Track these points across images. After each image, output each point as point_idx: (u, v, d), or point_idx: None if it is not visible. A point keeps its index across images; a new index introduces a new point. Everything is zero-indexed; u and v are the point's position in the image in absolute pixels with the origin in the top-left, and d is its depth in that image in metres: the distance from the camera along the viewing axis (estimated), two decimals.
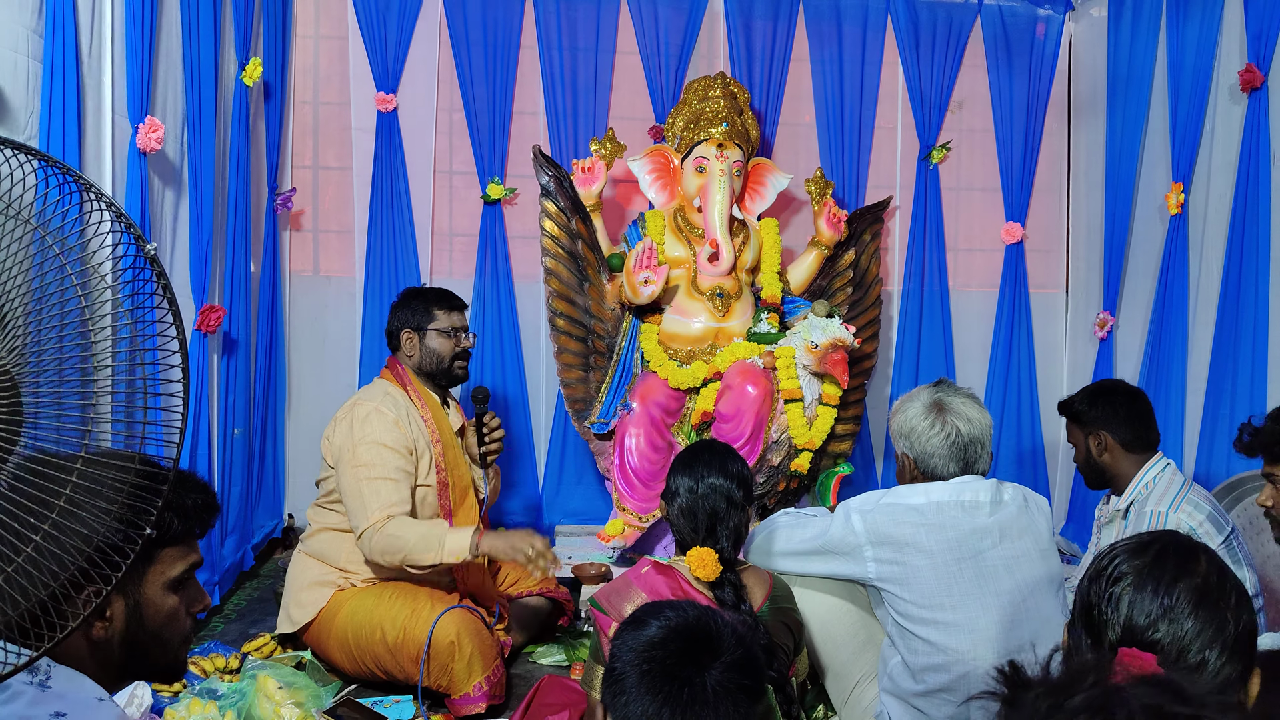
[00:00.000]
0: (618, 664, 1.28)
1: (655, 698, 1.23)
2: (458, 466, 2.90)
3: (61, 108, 2.37)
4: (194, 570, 1.34)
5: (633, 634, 1.30)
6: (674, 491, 2.08)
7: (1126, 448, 2.66)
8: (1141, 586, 1.17)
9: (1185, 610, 1.15)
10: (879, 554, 2.13)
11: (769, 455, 3.55)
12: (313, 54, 4.12)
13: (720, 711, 1.23)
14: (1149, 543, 1.22)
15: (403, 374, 2.92)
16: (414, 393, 2.89)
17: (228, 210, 3.39)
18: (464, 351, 2.97)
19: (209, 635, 3.10)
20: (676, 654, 1.26)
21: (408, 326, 2.94)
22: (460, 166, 4.17)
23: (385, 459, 2.71)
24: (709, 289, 3.70)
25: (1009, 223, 4.38)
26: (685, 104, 3.87)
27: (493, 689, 2.57)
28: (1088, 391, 2.76)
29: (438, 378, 2.95)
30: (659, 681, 1.24)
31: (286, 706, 2.44)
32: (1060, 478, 4.34)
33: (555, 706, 2.14)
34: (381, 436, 2.72)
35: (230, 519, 3.49)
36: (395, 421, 2.76)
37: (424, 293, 3.01)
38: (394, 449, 2.73)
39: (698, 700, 1.22)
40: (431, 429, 2.85)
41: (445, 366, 2.93)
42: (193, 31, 3.08)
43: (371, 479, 2.68)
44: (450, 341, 2.93)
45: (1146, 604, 1.16)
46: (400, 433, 2.76)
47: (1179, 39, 3.62)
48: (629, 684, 1.25)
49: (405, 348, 2.95)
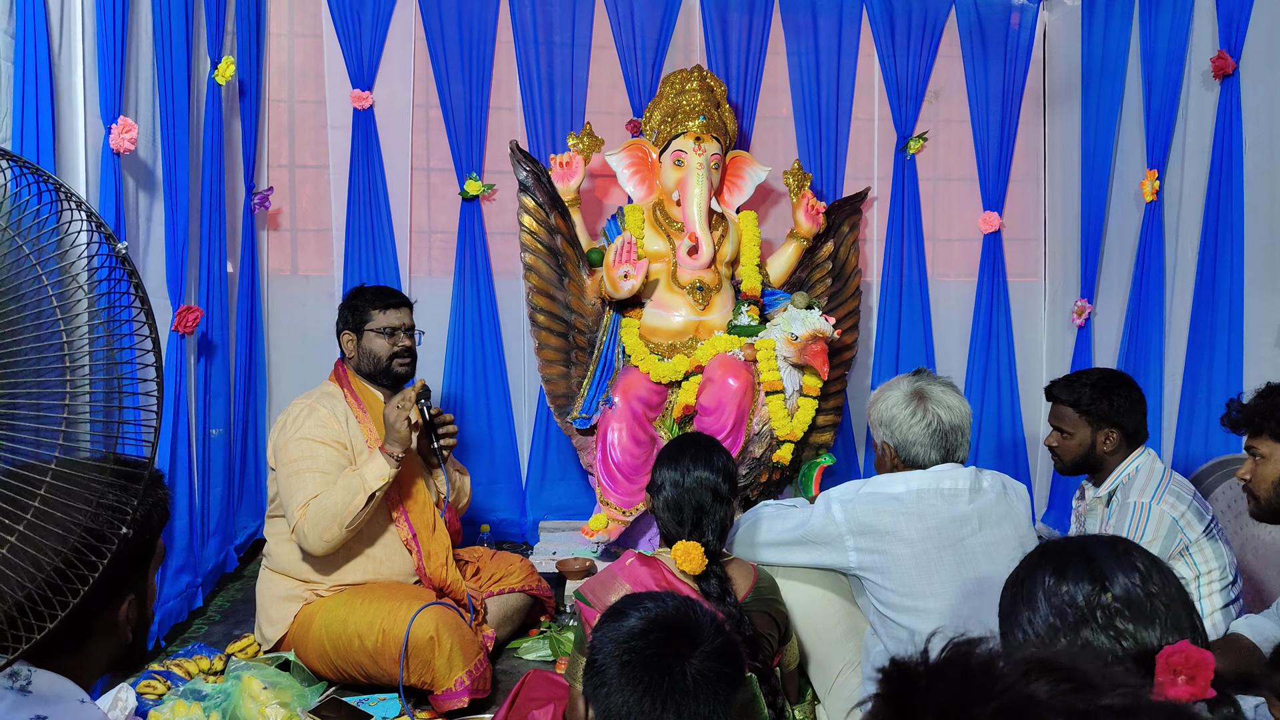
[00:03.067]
0: (598, 655, 1.29)
1: (636, 688, 1.24)
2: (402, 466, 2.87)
3: (35, 109, 2.35)
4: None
5: (612, 625, 1.31)
6: (659, 485, 2.08)
7: (1129, 442, 2.66)
8: (1130, 599, 1.21)
9: (1156, 587, 1.22)
10: (860, 543, 2.14)
11: (751, 447, 3.56)
12: (287, 52, 4.10)
13: (700, 700, 1.23)
14: (1087, 554, 1.25)
15: (344, 375, 2.95)
16: (353, 394, 2.91)
17: (203, 210, 3.37)
18: (404, 350, 2.96)
19: (193, 637, 3.09)
20: (656, 644, 1.27)
21: (346, 328, 2.97)
22: (438, 163, 4.16)
23: (315, 452, 2.75)
24: (689, 282, 3.70)
25: (986, 212, 4.40)
26: (662, 98, 3.87)
27: (475, 683, 2.58)
28: (1094, 383, 2.68)
29: (378, 377, 2.95)
30: (639, 672, 1.24)
31: (271, 707, 2.44)
32: (1041, 465, 4.38)
33: (541, 700, 2.14)
34: (311, 432, 2.77)
35: (212, 521, 3.47)
36: (328, 416, 2.81)
37: (363, 292, 3.02)
38: (324, 442, 2.77)
39: (678, 689, 1.23)
40: (369, 430, 2.86)
41: (384, 366, 2.94)
42: (165, 31, 3.05)
43: (299, 473, 2.73)
44: (387, 341, 2.93)
45: (1134, 604, 1.20)
46: (333, 428, 2.80)
47: (1152, 27, 3.65)
48: (609, 675, 1.26)
49: (345, 349, 2.97)
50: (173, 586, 3.10)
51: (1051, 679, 0.59)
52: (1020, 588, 1.26)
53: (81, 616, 1.06)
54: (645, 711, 1.22)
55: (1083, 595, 1.21)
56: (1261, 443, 2.18)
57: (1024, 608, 1.24)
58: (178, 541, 3.15)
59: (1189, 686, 1.11)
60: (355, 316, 2.95)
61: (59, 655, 1.19)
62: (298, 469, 2.73)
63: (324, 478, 2.72)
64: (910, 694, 0.61)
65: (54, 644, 1.11)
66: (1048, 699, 0.57)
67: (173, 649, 2.97)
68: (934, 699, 0.60)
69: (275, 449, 2.81)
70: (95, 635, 1.23)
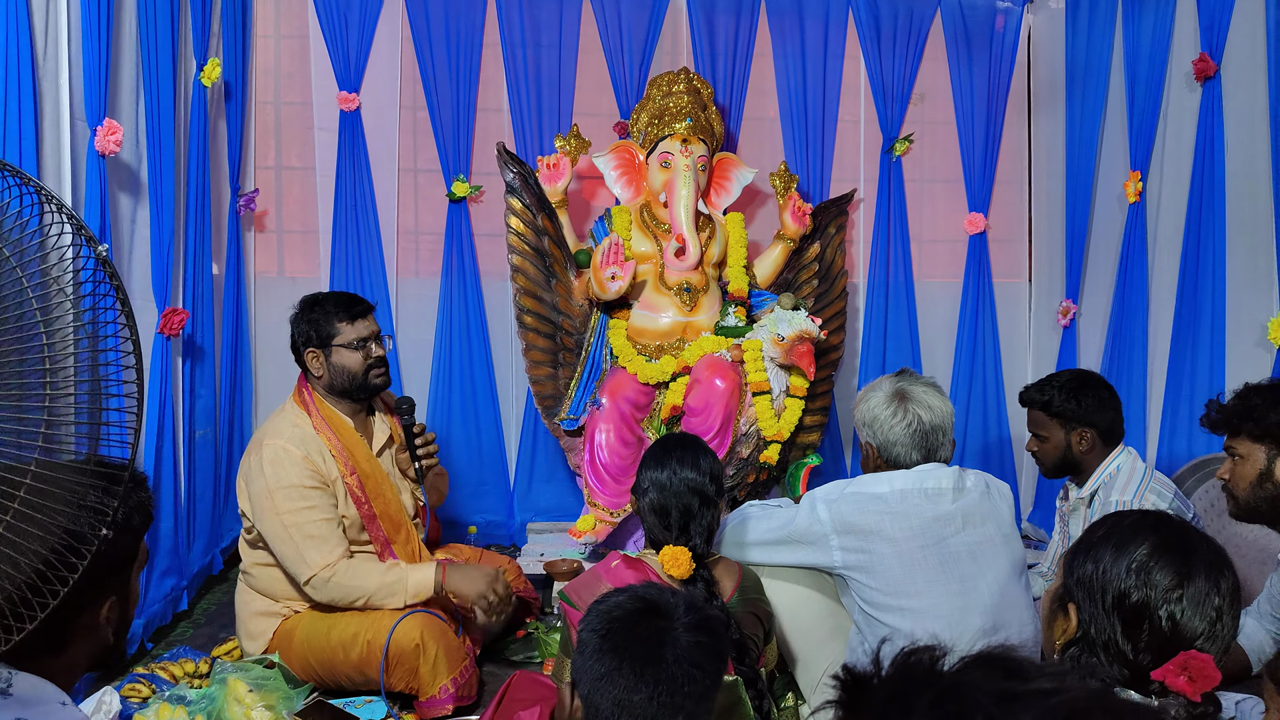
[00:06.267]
0: (583, 632, 1.32)
1: (615, 655, 1.28)
2: (380, 493, 2.74)
3: (18, 111, 2.35)
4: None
5: (596, 606, 1.36)
6: (644, 488, 2.06)
7: (1105, 440, 2.68)
8: (1197, 600, 1.31)
9: (1228, 614, 1.33)
10: (844, 542, 2.15)
11: (738, 448, 3.57)
12: (273, 54, 4.09)
13: (680, 666, 1.28)
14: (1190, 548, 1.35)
15: (309, 399, 2.72)
16: (320, 422, 2.68)
17: (189, 212, 3.36)
18: (379, 360, 2.74)
19: (178, 640, 3.08)
20: (635, 614, 1.33)
21: (310, 345, 2.71)
22: (425, 165, 4.16)
23: (309, 499, 2.59)
24: (676, 284, 3.71)
25: (972, 213, 4.42)
26: (649, 100, 3.88)
27: (459, 690, 2.57)
28: (1064, 385, 2.72)
29: (354, 393, 2.73)
30: (618, 640, 1.29)
31: (257, 710, 2.43)
32: (1027, 465, 4.40)
33: (527, 701, 2.14)
34: (296, 478, 2.58)
35: (198, 523, 3.46)
36: (304, 458, 2.61)
37: (322, 302, 2.75)
38: (312, 487, 2.60)
39: (655, 659, 1.28)
40: (344, 461, 2.67)
41: (360, 381, 2.71)
42: (150, 32, 3.04)
43: (300, 525, 2.57)
44: (359, 354, 2.70)
45: (1203, 608, 1.31)
46: (310, 468, 2.61)
47: (1135, 30, 3.67)
48: (590, 648, 1.30)
49: (311, 367, 2.71)
50: (158, 589, 3.09)
51: (985, 669, 0.64)
52: (1118, 537, 1.37)
53: (62, 618, 1.06)
54: (625, 681, 1.25)
55: (1166, 581, 1.32)
56: (1240, 443, 2.20)
57: (1108, 553, 1.36)
58: (163, 544, 3.14)
59: (1187, 685, 1.18)
60: (319, 331, 2.70)
61: (40, 657, 1.19)
62: (296, 520, 2.57)
63: (329, 526, 2.59)
64: (860, 693, 0.66)
65: (34, 645, 1.11)
66: (980, 683, 0.62)
67: (158, 652, 2.96)
68: (880, 693, 0.65)
69: (256, 496, 2.61)
70: (76, 637, 1.23)
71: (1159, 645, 1.31)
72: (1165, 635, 1.31)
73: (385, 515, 2.74)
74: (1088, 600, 1.35)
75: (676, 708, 1.26)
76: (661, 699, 1.25)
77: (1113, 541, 1.37)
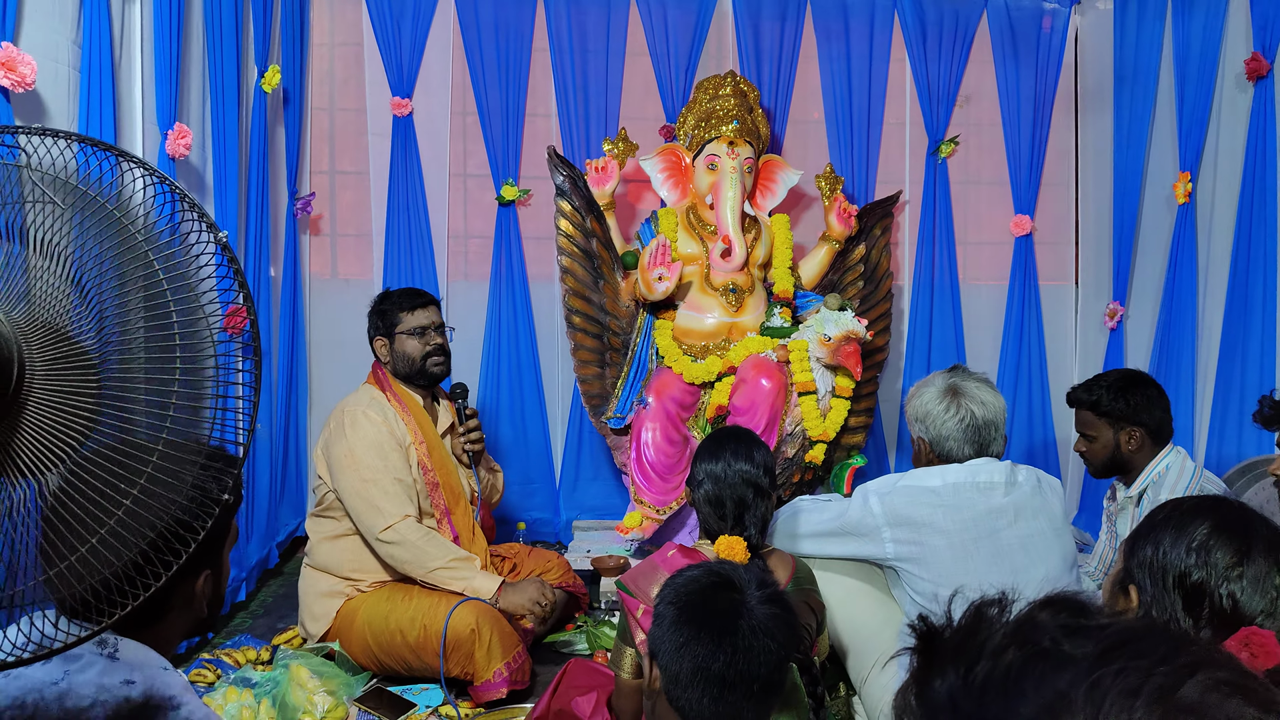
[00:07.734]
0: (659, 606, 1.38)
1: (691, 626, 1.33)
2: (444, 466, 2.96)
3: (99, 115, 2.44)
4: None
5: (671, 581, 1.41)
6: (699, 480, 2.10)
7: (1153, 439, 2.68)
8: (1257, 579, 1.35)
9: None
10: (897, 534, 2.18)
11: (784, 447, 3.60)
12: (329, 61, 4.19)
13: (756, 636, 1.32)
14: (1249, 529, 1.39)
15: (383, 379, 3.00)
16: (394, 396, 2.96)
17: (249, 215, 3.46)
18: (437, 348, 3.00)
19: (238, 630, 3.16)
20: (710, 587, 1.37)
21: (378, 334, 3.02)
22: (475, 169, 4.23)
23: (388, 458, 2.82)
24: (722, 284, 3.75)
25: (1018, 215, 4.42)
26: (696, 103, 3.93)
27: (513, 674, 2.65)
28: (1111, 384, 2.71)
29: (415, 378, 3.00)
30: (694, 612, 1.34)
31: (319, 694, 2.51)
32: (1072, 468, 4.38)
33: (583, 688, 2.19)
34: (376, 437, 2.84)
35: (255, 518, 3.55)
36: (382, 422, 2.87)
37: (390, 296, 3.06)
38: (391, 447, 2.84)
39: (731, 630, 1.32)
40: (414, 431, 2.92)
41: (419, 366, 2.98)
42: (216, 40, 3.15)
43: (377, 480, 2.79)
44: (419, 341, 2.97)
45: (1263, 587, 1.35)
46: (388, 430, 2.87)
47: (1184, 29, 3.66)
48: (667, 621, 1.35)
49: (380, 354, 3.02)
50: None
51: (1053, 609, 0.68)
52: (1178, 519, 1.41)
53: (162, 590, 1.13)
54: (703, 649, 1.30)
55: (1225, 560, 1.36)
56: None
57: (1168, 535, 1.40)
58: None
59: (1249, 660, 1.21)
60: (385, 321, 3.00)
61: (142, 626, 1.27)
62: (374, 475, 2.79)
63: (403, 486, 2.81)
64: (936, 638, 0.70)
65: (136, 616, 1.18)
66: (1048, 620, 0.67)
67: (219, 640, 3.05)
68: (953, 637, 0.70)
69: (337, 456, 2.85)
70: (174, 608, 1.31)
71: (1219, 624, 1.34)
72: (1225, 613, 1.34)
73: (447, 486, 2.94)
74: (1149, 581, 1.38)
75: (753, 676, 1.30)
76: (739, 666, 1.30)
77: (1173, 524, 1.40)
